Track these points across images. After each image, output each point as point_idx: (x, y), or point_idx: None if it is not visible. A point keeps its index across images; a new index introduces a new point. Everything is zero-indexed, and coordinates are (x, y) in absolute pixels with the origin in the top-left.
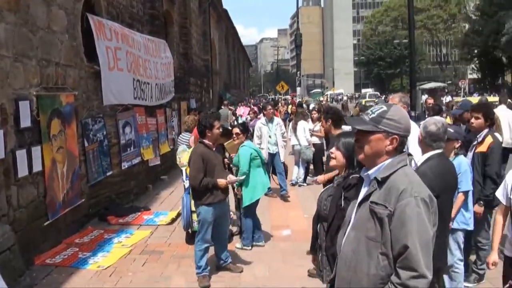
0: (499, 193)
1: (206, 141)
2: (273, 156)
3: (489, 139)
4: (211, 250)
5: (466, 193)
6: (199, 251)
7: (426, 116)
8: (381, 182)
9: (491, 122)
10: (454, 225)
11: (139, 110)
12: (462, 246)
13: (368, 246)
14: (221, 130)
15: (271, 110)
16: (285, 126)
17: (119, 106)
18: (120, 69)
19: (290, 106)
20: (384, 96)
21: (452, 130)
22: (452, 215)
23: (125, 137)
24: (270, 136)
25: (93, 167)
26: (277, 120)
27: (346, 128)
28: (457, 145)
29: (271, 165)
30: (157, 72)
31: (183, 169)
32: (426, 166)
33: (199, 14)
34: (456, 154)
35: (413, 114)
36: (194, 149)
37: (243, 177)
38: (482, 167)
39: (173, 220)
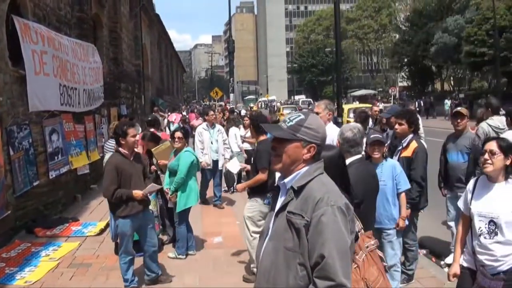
0: (460, 203)
1: (122, 150)
2: (216, 162)
3: (413, 144)
4: (140, 261)
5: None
6: (123, 264)
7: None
8: (297, 191)
9: (415, 128)
10: (393, 225)
11: (67, 117)
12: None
13: (286, 256)
14: (136, 138)
15: (214, 116)
16: None
17: (45, 113)
18: (47, 74)
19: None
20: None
21: (380, 136)
22: (403, 214)
23: (52, 145)
24: (212, 142)
25: (19, 177)
26: (218, 126)
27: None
28: (386, 149)
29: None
30: (85, 77)
31: None
32: None
33: (130, 18)
34: (385, 158)
35: (339, 120)
36: (109, 159)
37: (160, 187)
38: (407, 171)
39: (102, 231)
